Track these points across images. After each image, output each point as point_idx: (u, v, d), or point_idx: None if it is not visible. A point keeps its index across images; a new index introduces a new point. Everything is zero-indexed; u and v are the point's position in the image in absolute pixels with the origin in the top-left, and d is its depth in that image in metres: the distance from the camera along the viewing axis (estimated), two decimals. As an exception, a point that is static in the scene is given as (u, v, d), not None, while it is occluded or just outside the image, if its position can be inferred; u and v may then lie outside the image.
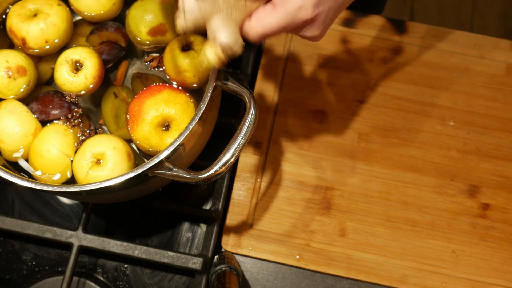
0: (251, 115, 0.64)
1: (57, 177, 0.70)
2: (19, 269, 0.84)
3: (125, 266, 0.84)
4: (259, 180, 0.85)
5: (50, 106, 0.72)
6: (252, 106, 0.64)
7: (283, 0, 0.56)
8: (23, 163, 0.71)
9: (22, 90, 0.72)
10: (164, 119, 0.69)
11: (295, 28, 0.59)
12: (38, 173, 0.70)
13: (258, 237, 0.82)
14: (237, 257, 0.82)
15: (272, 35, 0.58)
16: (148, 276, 0.83)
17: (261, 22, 0.57)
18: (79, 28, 0.78)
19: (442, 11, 1.91)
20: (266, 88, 0.89)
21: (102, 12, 0.75)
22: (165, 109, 0.69)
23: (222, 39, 0.57)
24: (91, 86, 0.72)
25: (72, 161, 0.70)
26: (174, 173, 0.63)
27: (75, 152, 0.70)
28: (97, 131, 0.74)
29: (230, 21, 0.57)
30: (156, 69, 0.77)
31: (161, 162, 0.63)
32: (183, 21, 0.58)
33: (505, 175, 0.85)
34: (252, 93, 0.66)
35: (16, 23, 0.72)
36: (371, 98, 0.89)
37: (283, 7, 0.56)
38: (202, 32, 0.60)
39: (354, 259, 0.81)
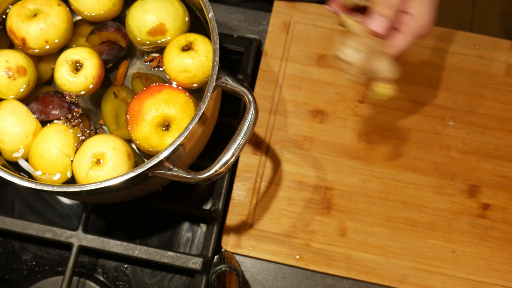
0: (251, 115, 0.64)
1: (57, 177, 0.70)
2: (19, 269, 0.84)
3: (125, 266, 0.84)
4: (259, 180, 0.85)
5: (50, 106, 0.72)
6: (252, 106, 0.65)
7: (407, 25, 0.67)
8: (23, 163, 0.71)
9: (22, 90, 0.72)
10: (164, 119, 0.69)
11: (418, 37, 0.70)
12: (38, 173, 0.70)
13: (258, 237, 0.82)
14: (237, 257, 0.82)
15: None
16: (148, 276, 0.83)
17: (395, 48, 0.67)
18: (79, 28, 0.78)
19: (442, 11, 1.90)
20: (266, 88, 0.89)
21: (102, 12, 0.75)
22: (165, 109, 0.69)
23: (385, 75, 0.66)
24: (91, 86, 0.72)
25: (72, 161, 0.70)
26: (174, 173, 0.63)
27: (75, 152, 0.70)
28: (97, 131, 0.74)
29: (380, 56, 0.65)
30: (156, 69, 0.77)
31: (161, 162, 0.63)
32: (354, 77, 0.66)
33: (505, 175, 0.85)
34: (252, 93, 0.66)
35: (16, 23, 0.72)
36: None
37: (408, 30, 0.67)
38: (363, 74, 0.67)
39: (354, 259, 0.81)
